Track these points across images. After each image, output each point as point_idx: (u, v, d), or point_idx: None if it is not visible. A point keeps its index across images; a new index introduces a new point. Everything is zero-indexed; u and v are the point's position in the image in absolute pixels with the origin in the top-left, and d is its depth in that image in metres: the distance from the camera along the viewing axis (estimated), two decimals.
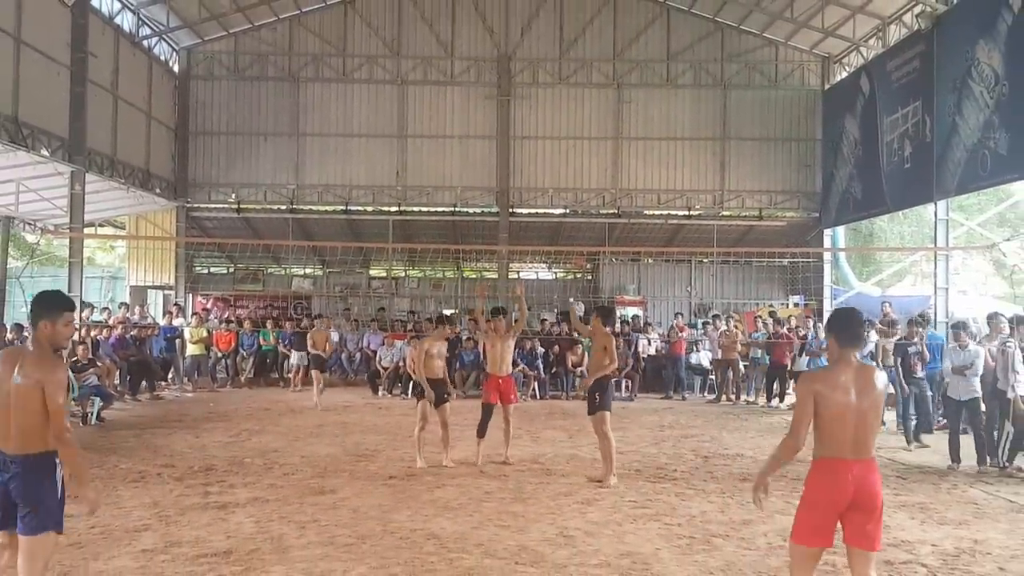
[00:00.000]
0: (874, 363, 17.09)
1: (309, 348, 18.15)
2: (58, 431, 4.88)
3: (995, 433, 11.48)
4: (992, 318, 12.57)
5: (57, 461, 4.94)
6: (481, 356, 17.03)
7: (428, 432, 11.15)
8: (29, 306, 5.10)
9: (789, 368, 18.57)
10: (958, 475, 11.07)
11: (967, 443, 11.71)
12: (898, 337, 15.02)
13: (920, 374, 14.08)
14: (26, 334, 15.21)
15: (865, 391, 4.82)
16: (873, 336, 17.22)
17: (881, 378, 4.96)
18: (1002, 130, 15.70)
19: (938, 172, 18.04)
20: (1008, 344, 11.28)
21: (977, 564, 7.08)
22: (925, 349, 14.16)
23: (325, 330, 18.40)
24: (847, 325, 5.05)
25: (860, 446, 4.79)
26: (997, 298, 25.05)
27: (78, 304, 18.28)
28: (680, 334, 20.63)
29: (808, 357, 17.86)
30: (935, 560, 7.13)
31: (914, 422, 13.72)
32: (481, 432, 11.19)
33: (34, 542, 4.86)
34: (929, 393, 14.25)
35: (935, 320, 18.33)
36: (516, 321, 11.91)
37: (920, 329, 14.40)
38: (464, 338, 19.98)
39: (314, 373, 17.56)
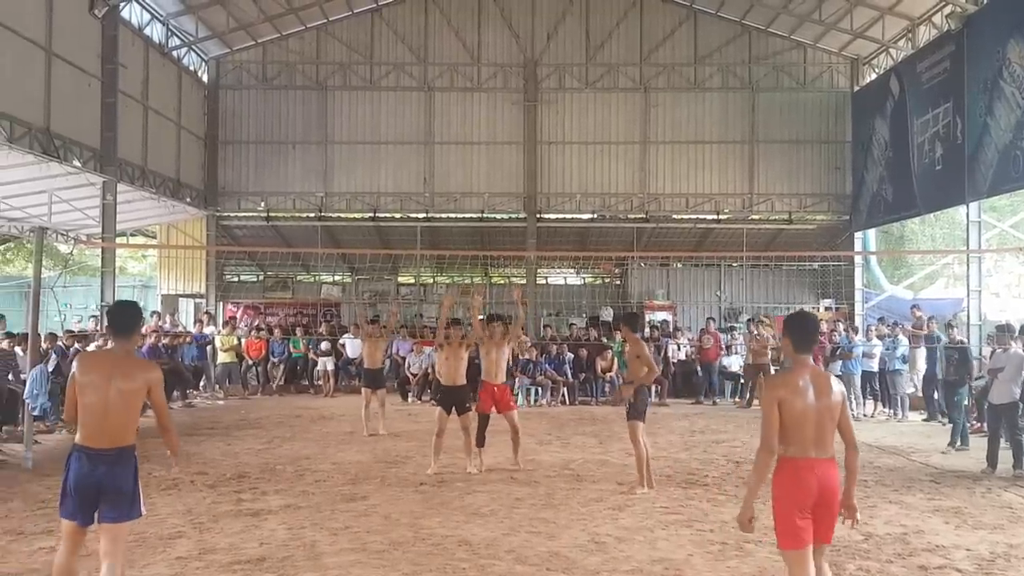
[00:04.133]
0: (904, 366, 17.02)
1: (362, 363, 15.51)
2: (168, 422, 5.60)
3: None
4: None
5: (136, 454, 5.44)
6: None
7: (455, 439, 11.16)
8: (119, 315, 5.63)
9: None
10: (993, 479, 10.94)
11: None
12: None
13: None
14: (61, 343, 15.38)
15: (822, 393, 4.91)
16: (903, 339, 17.14)
17: (837, 384, 5.04)
18: None
19: (969, 174, 17.86)
20: None
21: (1013, 569, 7.00)
22: None
23: (379, 338, 14.96)
24: (802, 330, 5.16)
25: (821, 446, 4.89)
26: None
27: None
28: (711, 341, 20.50)
29: (841, 360, 17.74)
30: (970, 565, 7.06)
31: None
32: (480, 441, 11.02)
33: (121, 529, 5.32)
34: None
35: (967, 323, 18.16)
36: (511, 326, 11.83)
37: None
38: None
39: (365, 392, 14.44)
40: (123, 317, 5.57)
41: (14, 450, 11.92)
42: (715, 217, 25.24)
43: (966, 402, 13.97)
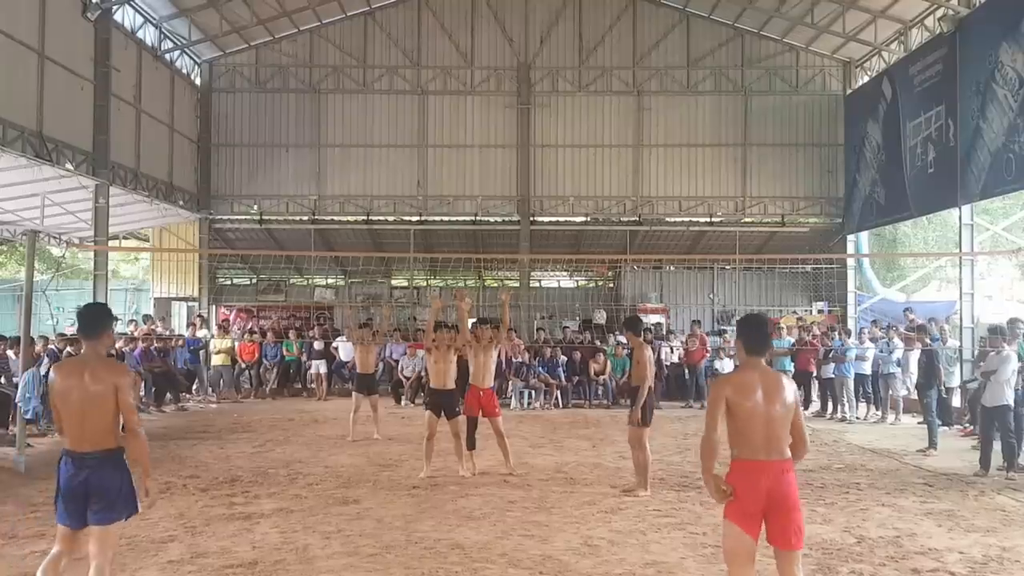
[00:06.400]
0: (898, 369, 17.02)
1: (356, 367, 15.09)
2: (133, 424, 5.45)
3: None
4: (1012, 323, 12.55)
5: (124, 456, 5.48)
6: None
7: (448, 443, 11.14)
8: (83, 317, 5.63)
9: (815, 375, 18.53)
10: (985, 482, 10.96)
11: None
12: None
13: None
14: (54, 347, 15.35)
15: (773, 395, 4.93)
16: (898, 343, 17.15)
17: (790, 386, 5.08)
18: None
19: (962, 176, 17.89)
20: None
21: (1005, 572, 7.01)
22: None
23: (371, 343, 14.87)
24: (753, 331, 5.21)
25: (772, 448, 4.90)
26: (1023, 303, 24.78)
27: None
28: (696, 343, 20.49)
29: (834, 364, 17.80)
30: (963, 568, 7.07)
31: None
32: (471, 444, 11.05)
33: (108, 531, 5.37)
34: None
35: (960, 325, 18.19)
36: (496, 329, 11.81)
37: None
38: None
39: (356, 398, 14.24)
40: (89, 319, 5.61)
41: (6, 454, 11.88)
42: (708, 220, 25.24)
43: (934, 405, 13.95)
